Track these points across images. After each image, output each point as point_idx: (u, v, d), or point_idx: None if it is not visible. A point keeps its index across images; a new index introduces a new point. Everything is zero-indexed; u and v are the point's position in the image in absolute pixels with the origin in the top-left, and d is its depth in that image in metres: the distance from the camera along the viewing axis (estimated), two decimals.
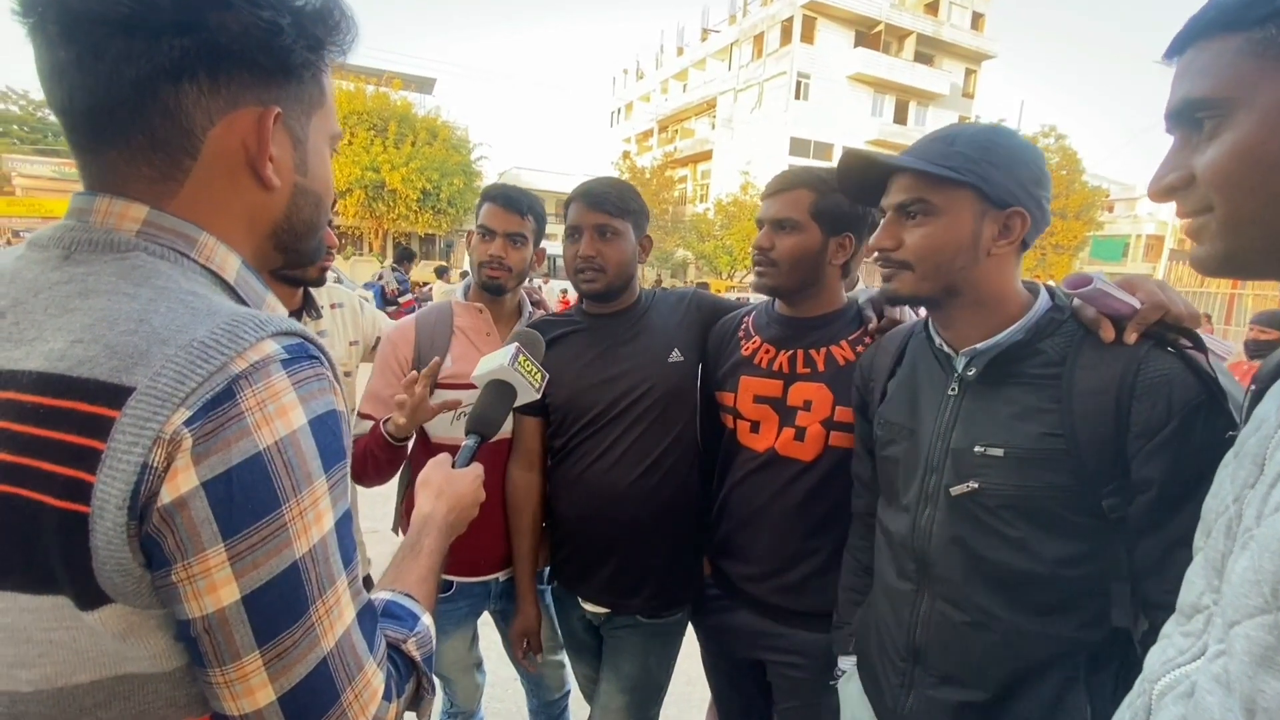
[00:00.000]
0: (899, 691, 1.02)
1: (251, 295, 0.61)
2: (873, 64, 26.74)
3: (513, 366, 1.01)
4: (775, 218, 1.30)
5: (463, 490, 0.89)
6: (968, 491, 0.92)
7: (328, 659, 0.51)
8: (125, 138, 0.53)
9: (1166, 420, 0.80)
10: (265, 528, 0.48)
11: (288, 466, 0.49)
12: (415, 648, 0.64)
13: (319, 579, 0.51)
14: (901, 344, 1.13)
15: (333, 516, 0.53)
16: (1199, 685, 0.48)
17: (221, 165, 0.57)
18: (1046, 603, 0.90)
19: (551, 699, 1.84)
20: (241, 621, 0.48)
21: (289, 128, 0.60)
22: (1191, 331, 0.85)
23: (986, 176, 0.90)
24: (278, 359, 0.50)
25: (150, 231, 0.54)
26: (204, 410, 0.46)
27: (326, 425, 0.53)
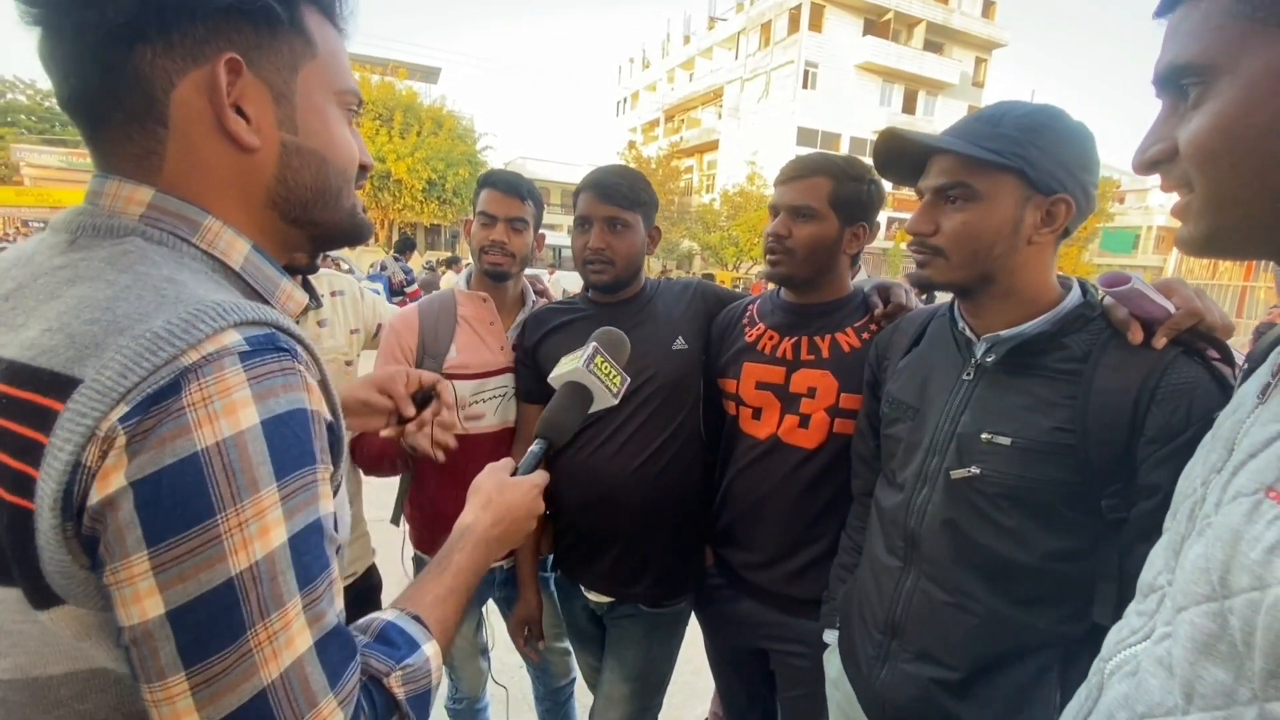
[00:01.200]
0: (874, 663, 1.04)
1: (263, 281, 0.58)
2: (881, 52, 26.48)
3: (588, 369, 0.92)
4: (792, 205, 1.28)
5: (514, 501, 0.79)
6: (968, 476, 0.92)
7: (268, 691, 0.45)
8: (106, 116, 0.52)
9: (1183, 428, 0.78)
10: (194, 538, 0.43)
11: (228, 471, 0.44)
12: (399, 682, 0.55)
13: (260, 601, 0.45)
14: (922, 324, 1.13)
15: (285, 530, 0.46)
16: (1143, 666, 0.49)
17: (194, 129, 0.53)
18: (1030, 593, 0.90)
19: (557, 686, 1.86)
20: (166, 638, 0.43)
21: (265, 80, 0.55)
22: (1222, 343, 0.84)
23: (1032, 160, 0.86)
24: (235, 351, 0.46)
25: (152, 215, 0.53)
26: (143, 405, 0.42)
27: (287, 427, 0.47)
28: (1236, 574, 0.41)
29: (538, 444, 0.89)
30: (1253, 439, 0.46)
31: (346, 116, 0.64)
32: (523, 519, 0.80)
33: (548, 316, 1.51)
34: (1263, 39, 0.45)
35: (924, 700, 0.97)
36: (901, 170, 1.01)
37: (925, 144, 0.94)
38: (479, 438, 1.53)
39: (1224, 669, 0.41)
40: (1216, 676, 0.41)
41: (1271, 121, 0.45)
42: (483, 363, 1.52)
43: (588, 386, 0.93)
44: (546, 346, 1.46)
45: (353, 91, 0.64)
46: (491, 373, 1.53)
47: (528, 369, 1.50)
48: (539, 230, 1.61)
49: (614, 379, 0.94)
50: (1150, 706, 0.46)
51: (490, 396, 1.53)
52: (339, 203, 0.63)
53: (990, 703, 0.92)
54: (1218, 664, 0.42)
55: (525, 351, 1.50)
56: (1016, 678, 0.91)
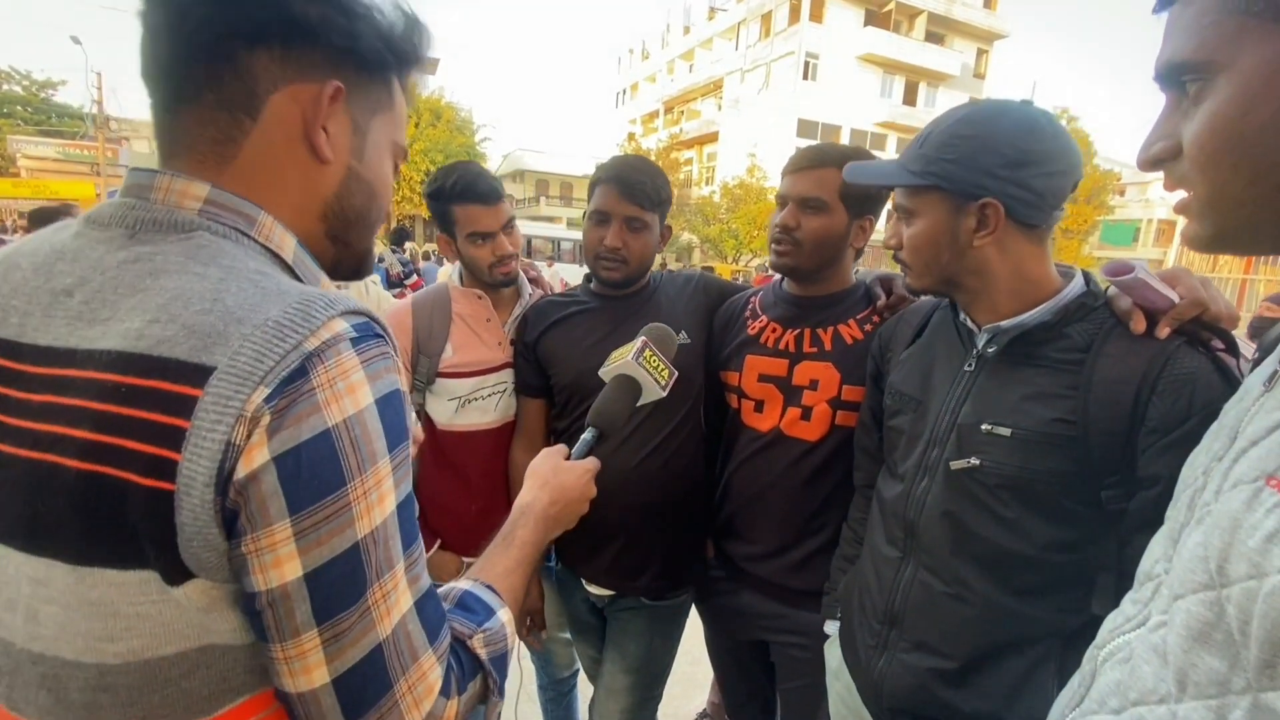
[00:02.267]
0: (872, 653, 1.04)
1: (308, 275, 0.62)
2: (882, 43, 26.33)
3: (637, 362, 0.95)
4: (803, 196, 1.27)
5: (569, 483, 0.85)
6: (967, 467, 0.92)
7: (383, 645, 0.50)
8: (198, 94, 0.56)
9: (1185, 418, 0.78)
10: (330, 505, 0.48)
11: (354, 444, 0.49)
12: (482, 644, 0.61)
13: (378, 562, 0.50)
14: (925, 316, 1.13)
15: (395, 499, 0.52)
16: (1137, 653, 0.49)
17: (279, 131, 0.58)
18: (1029, 584, 0.90)
19: (560, 676, 1.87)
20: (303, 598, 0.48)
21: (350, 112, 0.61)
22: (1226, 333, 0.83)
23: (944, 174, 0.91)
24: (347, 337, 0.50)
25: (211, 210, 0.55)
26: (280, 387, 0.46)
27: (391, 405, 0.52)
28: (1235, 562, 0.41)
29: (589, 432, 0.93)
30: (1255, 426, 0.46)
31: (394, 166, 0.70)
32: (577, 500, 0.85)
33: (549, 310, 1.50)
34: (1259, 35, 0.44)
35: (922, 690, 0.98)
36: (875, 195, 1.13)
37: (858, 181, 1.05)
38: (480, 434, 1.53)
39: (1219, 658, 0.41)
40: (1211, 665, 0.41)
41: (1271, 119, 0.44)
42: (480, 360, 1.51)
43: (637, 379, 0.96)
44: (548, 340, 1.46)
45: (403, 148, 0.71)
46: (490, 369, 1.52)
47: (528, 363, 1.49)
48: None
49: (662, 372, 0.98)
50: (1142, 693, 0.46)
51: (490, 393, 1.52)
52: (369, 234, 0.69)
53: (988, 693, 0.93)
54: (1213, 653, 0.41)
55: (526, 346, 1.49)
56: (1014, 668, 0.91)
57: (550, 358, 1.45)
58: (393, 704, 0.51)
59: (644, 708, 1.54)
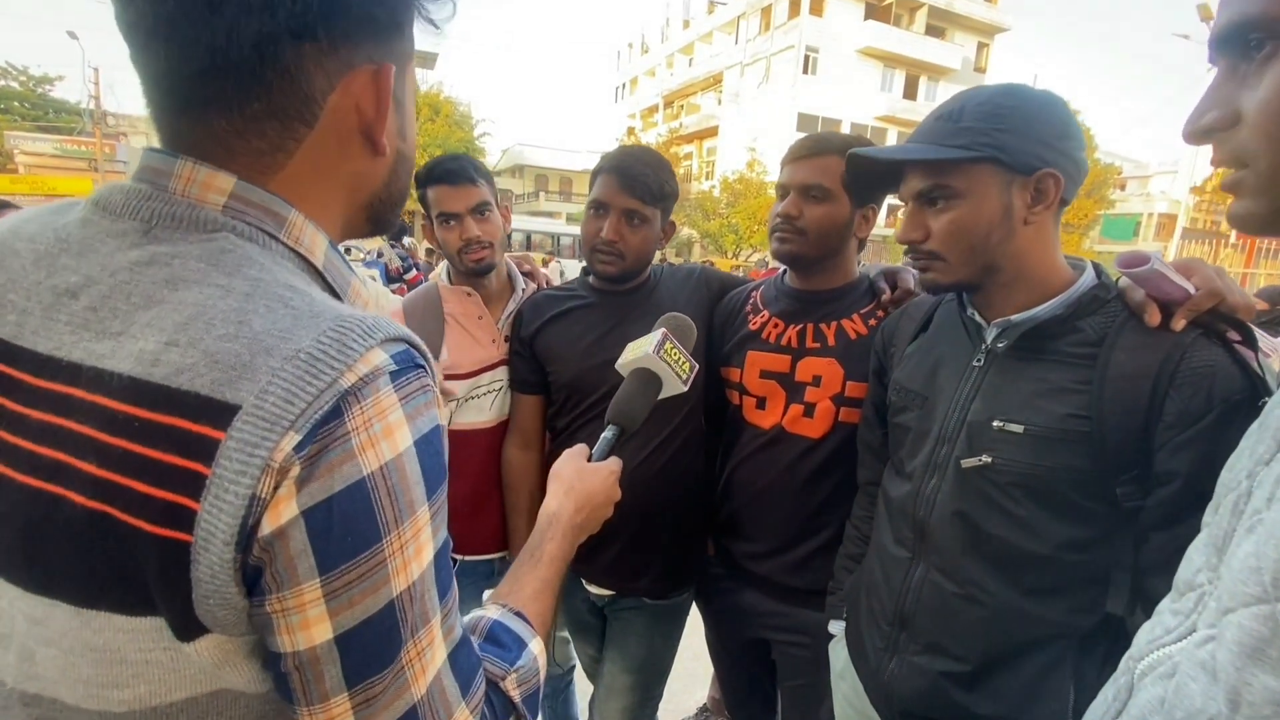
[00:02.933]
0: (882, 655, 1.03)
1: (339, 280, 0.56)
2: (883, 37, 26.20)
3: (657, 355, 0.90)
4: (804, 184, 1.24)
5: (594, 487, 0.80)
6: (979, 465, 0.90)
7: (418, 706, 0.46)
8: (240, 104, 0.47)
9: (1204, 413, 0.76)
10: (365, 563, 0.43)
11: (392, 494, 0.44)
12: (515, 685, 0.57)
13: (414, 619, 0.46)
14: (929, 310, 1.10)
15: (433, 547, 0.48)
16: (1181, 668, 0.46)
17: (336, 133, 0.52)
18: (1042, 584, 0.88)
19: (556, 673, 1.86)
20: (333, 662, 0.44)
21: (395, 91, 0.55)
22: (1244, 324, 0.81)
23: (1003, 145, 0.84)
24: (387, 371, 0.44)
25: (237, 207, 0.49)
26: (313, 431, 0.41)
27: (431, 444, 0.47)
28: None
29: (610, 430, 0.89)
30: None
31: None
32: (602, 505, 0.81)
33: (546, 304, 1.47)
34: None
35: (933, 693, 0.96)
36: (881, 185, 1.00)
37: (890, 160, 0.93)
38: (476, 433, 1.50)
39: (1275, 676, 0.38)
40: (1266, 684, 0.39)
41: None
42: (475, 360, 1.48)
43: (657, 373, 0.91)
44: (546, 335, 1.43)
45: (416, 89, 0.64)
46: (485, 368, 1.49)
47: (523, 359, 1.47)
48: (500, 202, 1.53)
49: (684, 365, 0.93)
50: (1190, 712, 0.43)
51: (486, 392, 1.50)
52: (403, 204, 0.63)
53: (1002, 695, 0.91)
54: (1268, 670, 0.39)
55: (521, 341, 1.46)
56: (1029, 670, 0.89)
57: (548, 354, 1.43)
58: None
59: (645, 706, 1.53)
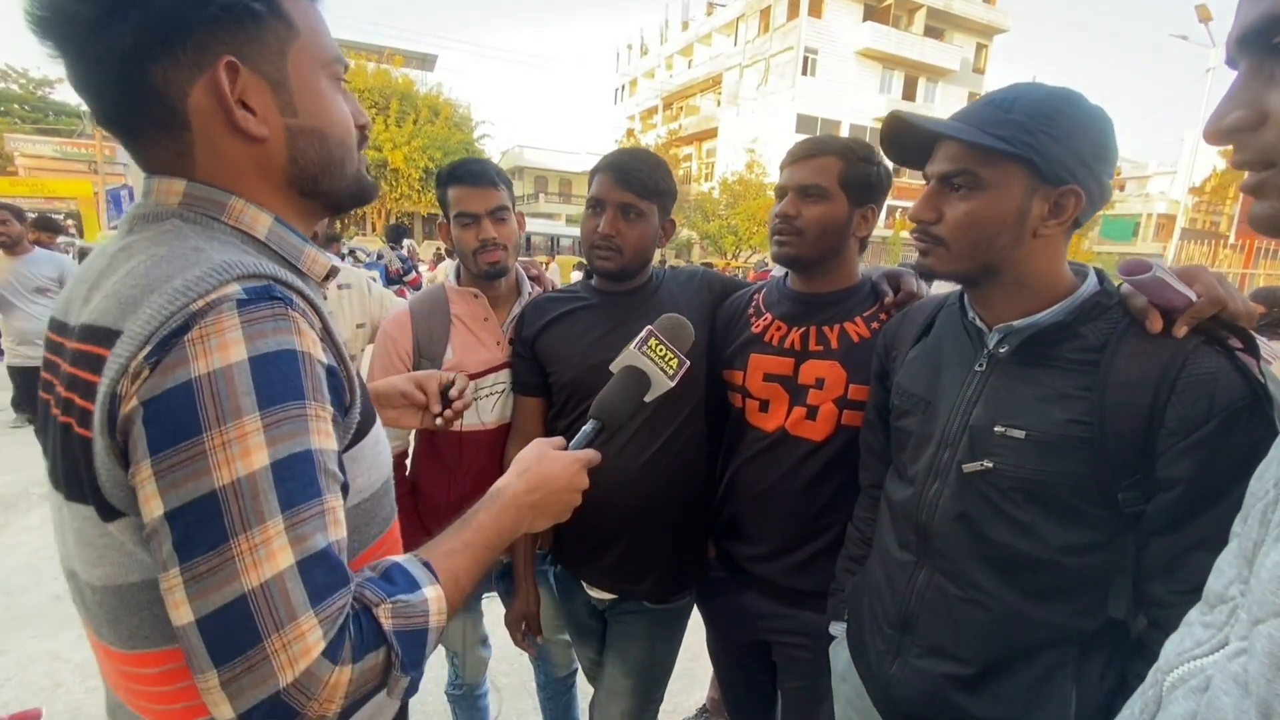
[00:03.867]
0: (884, 658, 1.03)
1: (287, 248, 0.67)
2: (882, 38, 26.23)
3: (639, 350, 0.91)
4: (802, 184, 1.25)
5: (552, 472, 0.80)
6: (980, 470, 0.90)
7: (249, 597, 0.50)
8: (138, 128, 0.61)
9: (1205, 420, 0.76)
10: (186, 451, 0.50)
11: (215, 397, 0.51)
12: (388, 614, 0.57)
13: (242, 514, 0.51)
14: (931, 314, 1.10)
15: (268, 455, 0.52)
16: (1215, 682, 0.45)
17: (212, 129, 0.61)
18: (1045, 588, 0.88)
19: (558, 676, 1.86)
20: (166, 536, 0.51)
21: (261, 72, 0.62)
22: (1245, 331, 0.81)
23: (1042, 150, 0.82)
24: (234, 299, 0.54)
25: (188, 201, 0.62)
26: (160, 345, 0.51)
27: (274, 364, 0.53)
28: None
29: (590, 424, 0.89)
30: None
31: (337, 85, 0.69)
32: (562, 490, 0.81)
33: (548, 306, 1.47)
34: None
35: (936, 696, 0.96)
36: (908, 154, 0.98)
37: (931, 130, 0.91)
38: (478, 435, 1.50)
39: None
40: None
41: None
42: (479, 361, 1.49)
43: (643, 370, 0.91)
44: (547, 337, 1.43)
45: (338, 59, 0.69)
46: (489, 370, 1.50)
47: (525, 361, 1.47)
48: (515, 208, 1.55)
49: (670, 361, 0.92)
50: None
51: (488, 394, 1.50)
52: (343, 171, 0.70)
53: (1004, 698, 0.91)
54: None
55: (524, 343, 1.47)
56: (1031, 673, 0.89)
57: (549, 355, 1.43)
58: (263, 658, 0.50)
59: (645, 710, 1.53)
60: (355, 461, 0.67)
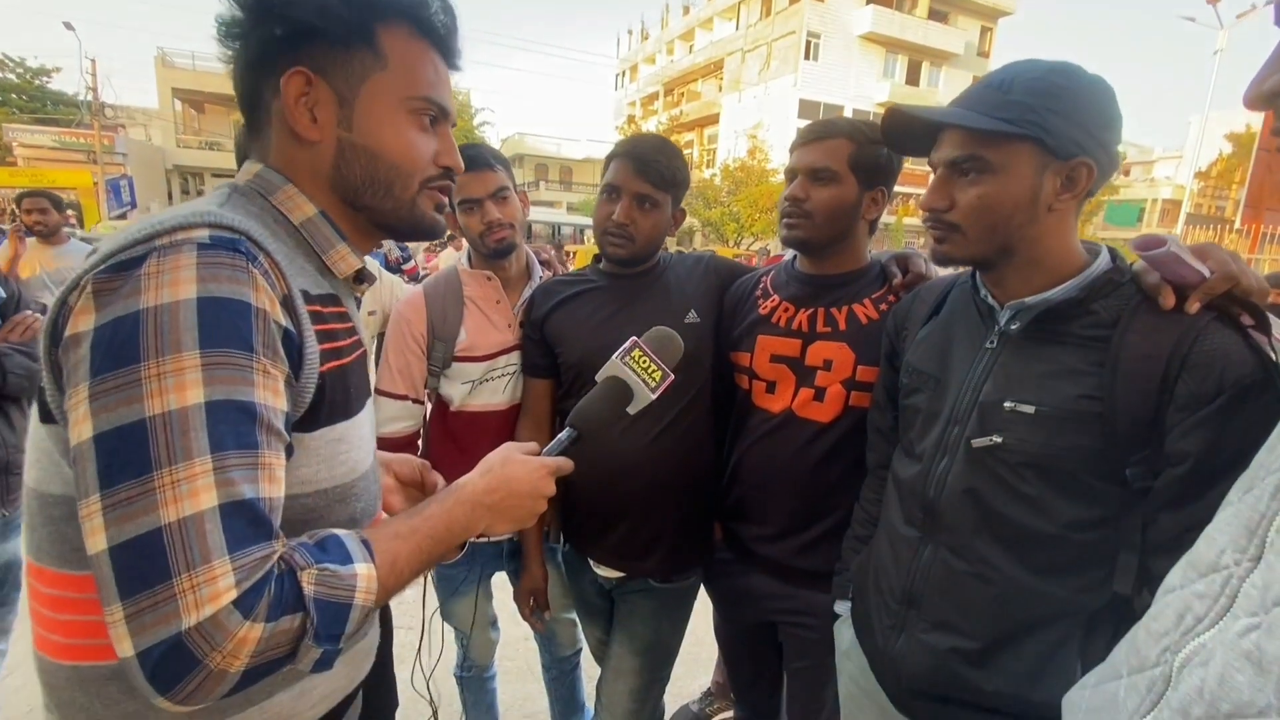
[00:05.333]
0: (890, 632, 1.03)
1: (319, 239, 0.73)
2: (885, 21, 25.94)
3: (621, 362, 0.88)
4: (812, 166, 1.25)
5: (516, 475, 0.78)
6: (989, 445, 0.90)
7: (164, 530, 0.50)
8: (251, 118, 0.72)
9: (1215, 396, 0.76)
10: (122, 376, 0.51)
11: (158, 329, 0.52)
12: (311, 580, 0.56)
13: (169, 447, 0.51)
14: (942, 293, 1.10)
15: (202, 393, 0.52)
16: (1219, 656, 0.45)
17: (280, 127, 0.70)
18: (1051, 562, 0.89)
19: (564, 655, 1.88)
20: (90, 459, 0.51)
21: (334, 87, 0.69)
22: (1257, 308, 0.81)
23: (1048, 126, 0.82)
24: (196, 241, 0.55)
25: (254, 180, 0.70)
26: (116, 268, 0.53)
27: (224, 309, 0.54)
28: None
29: (566, 431, 0.87)
30: None
31: (418, 121, 0.74)
32: (524, 494, 0.78)
33: (556, 288, 1.49)
34: None
35: (942, 670, 0.97)
36: (912, 144, 0.98)
37: (932, 120, 0.91)
38: (490, 415, 1.53)
39: None
40: None
41: None
42: (492, 344, 1.51)
43: (625, 380, 0.89)
44: (556, 319, 1.44)
45: (425, 99, 0.73)
46: (502, 351, 1.52)
47: (534, 343, 1.48)
48: (517, 188, 1.56)
49: (653, 373, 0.90)
50: (1239, 705, 0.42)
51: (500, 375, 1.52)
52: (390, 193, 0.74)
53: (1009, 672, 0.92)
54: None
55: (533, 325, 1.48)
56: (1036, 647, 0.90)
57: (557, 336, 1.44)
58: (169, 595, 0.49)
59: (652, 689, 1.55)
60: (303, 448, 0.66)
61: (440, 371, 1.50)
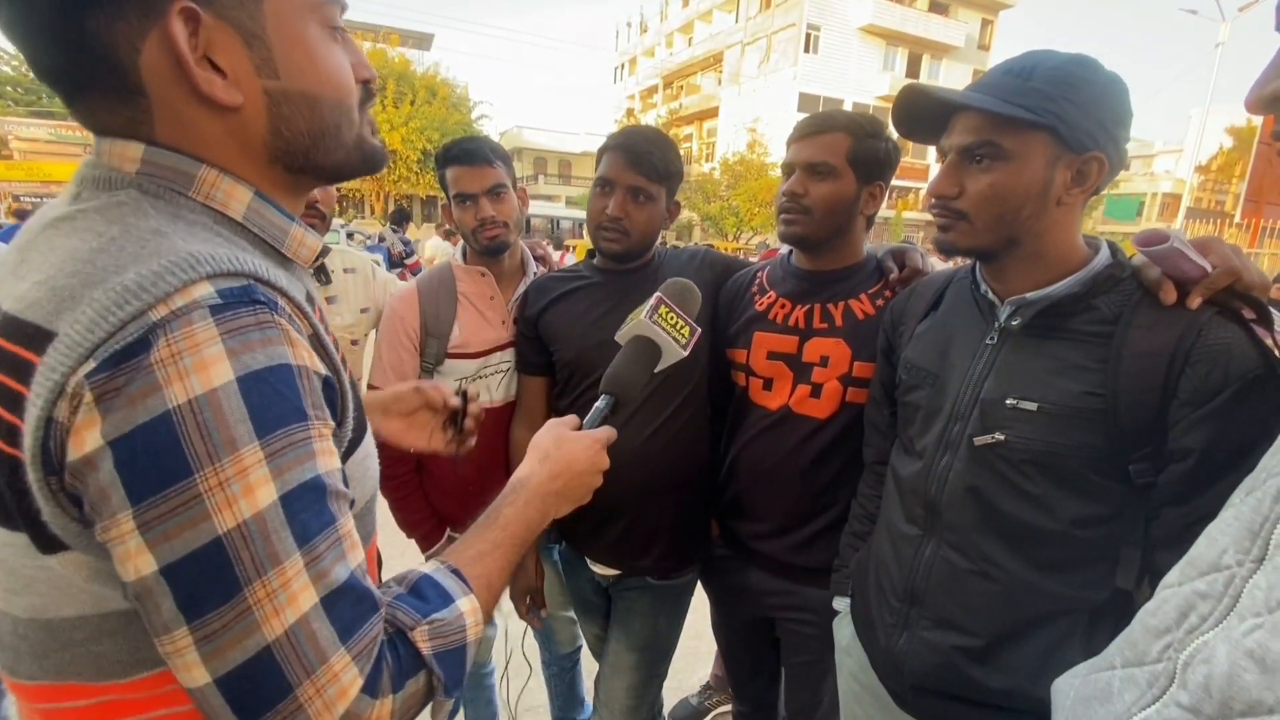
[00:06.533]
0: (892, 631, 1.03)
1: (269, 230, 0.56)
2: (885, 14, 25.81)
3: (651, 320, 0.86)
4: (810, 162, 1.23)
5: (574, 454, 0.75)
6: (992, 443, 0.90)
7: (273, 648, 0.44)
8: (81, 90, 0.50)
9: (1219, 391, 0.76)
10: (175, 497, 0.42)
11: (202, 430, 0.43)
12: (425, 637, 0.53)
13: (255, 560, 0.44)
14: (940, 288, 1.09)
15: (275, 489, 0.45)
16: (1222, 654, 0.45)
17: (172, 94, 0.50)
18: (1054, 559, 0.89)
19: (563, 653, 1.88)
20: (164, 593, 0.43)
21: (230, 20, 0.50)
22: (1260, 303, 0.80)
23: (1066, 117, 0.82)
24: (206, 304, 0.44)
25: (148, 170, 0.51)
26: (112, 362, 0.42)
27: (267, 383, 0.45)
28: None
29: (603, 400, 0.85)
30: None
31: (331, 33, 0.56)
32: (584, 473, 0.76)
33: (550, 285, 1.47)
34: None
35: (945, 667, 0.97)
36: (921, 128, 0.96)
37: (951, 100, 0.89)
38: (484, 412, 1.52)
39: None
40: None
41: None
42: (485, 340, 1.50)
43: (654, 340, 0.87)
44: (550, 316, 1.43)
45: (330, 2, 0.56)
46: (495, 348, 1.50)
47: (528, 340, 1.47)
48: (517, 185, 1.55)
49: (682, 330, 0.88)
50: (1249, 704, 0.42)
51: (494, 372, 1.51)
52: (340, 139, 0.58)
53: (1013, 669, 0.92)
54: None
55: (527, 322, 1.47)
56: (1039, 643, 0.90)
57: (551, 333, 1.43)
58: (296, 708, 0.45)
59: (649, 685, 1.55)
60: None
61: (433, 368, 1.49)
